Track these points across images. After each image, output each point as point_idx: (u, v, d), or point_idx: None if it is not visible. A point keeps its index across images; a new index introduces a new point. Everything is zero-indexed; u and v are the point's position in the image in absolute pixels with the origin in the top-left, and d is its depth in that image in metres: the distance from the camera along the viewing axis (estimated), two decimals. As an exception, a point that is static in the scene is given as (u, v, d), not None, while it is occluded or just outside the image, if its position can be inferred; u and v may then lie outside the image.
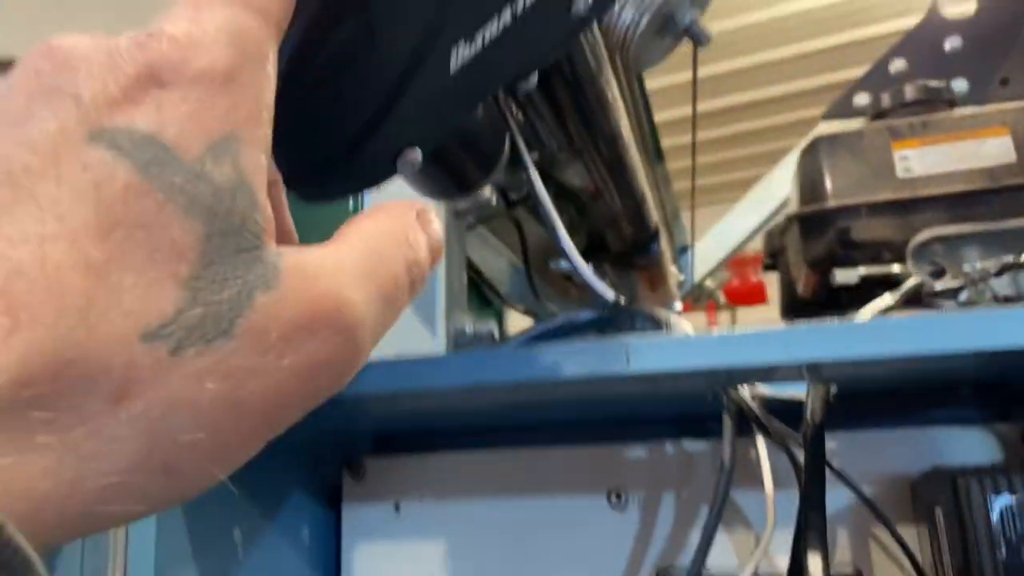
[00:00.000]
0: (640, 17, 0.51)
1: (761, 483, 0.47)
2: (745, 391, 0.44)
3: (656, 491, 0.51)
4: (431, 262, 0.24)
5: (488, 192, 0.62)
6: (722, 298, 2.88)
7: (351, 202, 0.61)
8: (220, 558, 0.45)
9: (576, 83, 0.53)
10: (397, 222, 0.23)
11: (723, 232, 1.36)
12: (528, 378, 0.38)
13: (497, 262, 0.89)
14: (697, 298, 1.32)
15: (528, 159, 0.47)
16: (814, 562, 0.37)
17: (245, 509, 0.48)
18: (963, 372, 0.42)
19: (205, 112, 0.18)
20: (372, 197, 0.66)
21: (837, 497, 0.48)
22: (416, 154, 0.34)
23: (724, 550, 0.50)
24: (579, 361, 0.38)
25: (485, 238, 0.84)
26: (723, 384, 0.43)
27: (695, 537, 0.49)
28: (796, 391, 0.45)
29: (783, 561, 0.45)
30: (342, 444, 0.57)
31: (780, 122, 3.05)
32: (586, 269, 0.49)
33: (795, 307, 1.00)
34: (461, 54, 0.32)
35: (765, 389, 0.45)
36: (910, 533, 0.47)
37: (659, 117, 0.94)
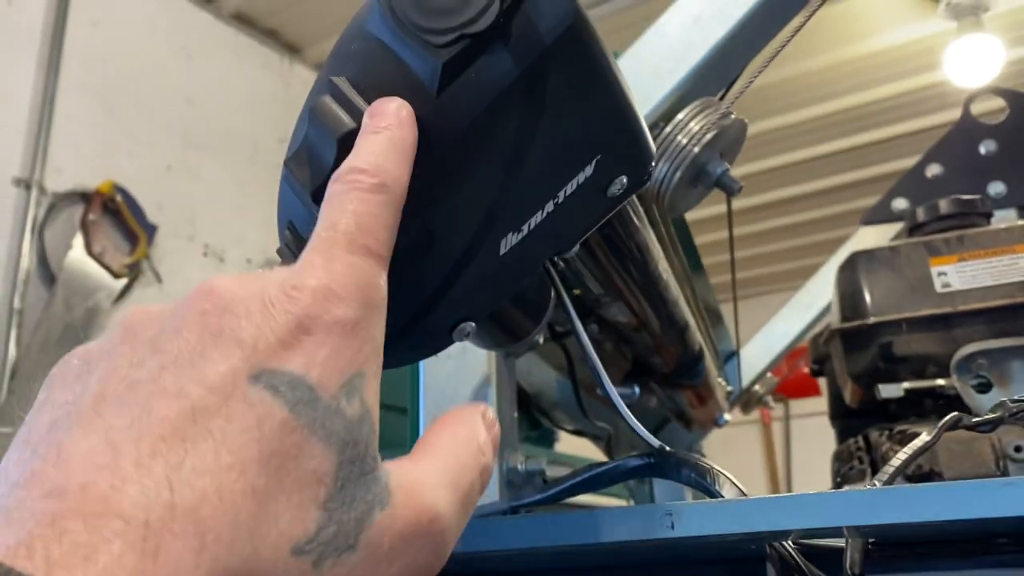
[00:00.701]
0: (673, 173, 0.55)
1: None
2: (788, 544, 0.46)
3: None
4: (494, 457, 0.27)
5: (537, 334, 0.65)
6: (771, 402, 2.85)
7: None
8: None
9: (614, 235, 0.57)
10: (470, 430, 0.27)
11: (768, 337, 1.38)
12: (573, 542, 0.40)
13: (544, 375, 0.92)
14: (746, 403, 1.32)
15: (571, 310, 0.51)
16: None
17: None
18: (993, 524, 0.43)
19: (340, 355, 0.22)
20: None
21: None
22: (470, 326, 0.37)
23: None
24: (624, 526, 0.40)
25: (532, 357, 0.87)
26: (767, 542, 0.45)
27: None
28: (836, 541, 0.46)
29: None
30: None
31: (817, 216, 3.07)
32: (632, 419, 0.52)
33: (843, 413, 1.01)
34: (510, 241, 0.35)
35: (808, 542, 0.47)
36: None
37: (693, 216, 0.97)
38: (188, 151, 1.73)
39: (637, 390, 0.82)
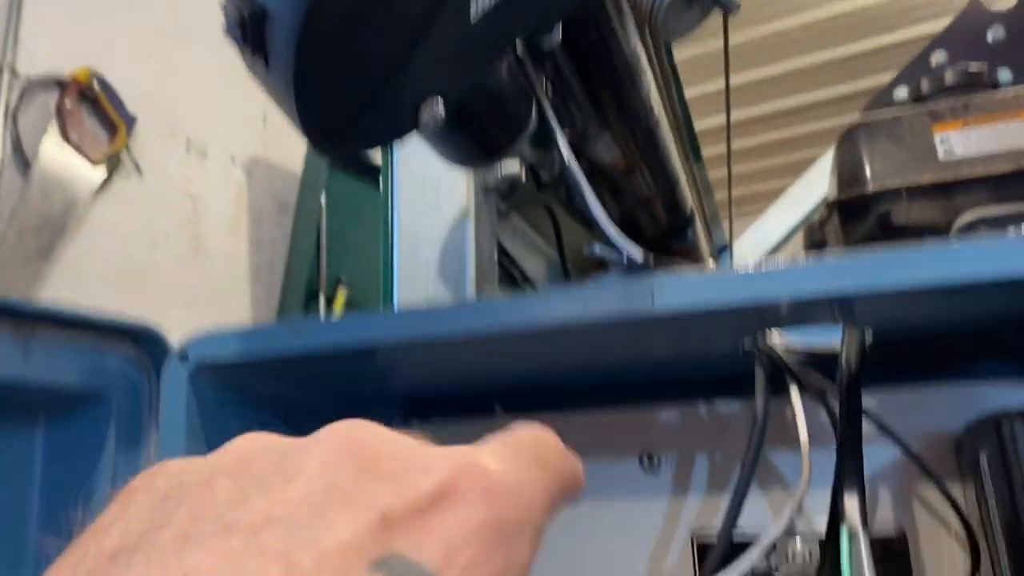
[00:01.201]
0: (667, -21, 0.51)
1: (796, 442, 0.46)
2: (778, 341, 0.43)
3: (689, 453, 0.50)
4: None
5: (517, 167, 0.62)
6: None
7: (383, 187, 0.62)
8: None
9: (604, 47, 0.53)
10: None
11: (762, 231, 1.35)
12: (554, 320, 0.38)
13: (533, 259, 0.89)
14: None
15: (555, 120, 0.47)
16: (851, 506, 0.36)
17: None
18: (1005, 314, 0.40)
19: (482, 566, 0.18)
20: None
21: (877, 456, 0.47)
22: (438, 105, 0.34)
23: (759, 511, 0.48)
24: (604, 301, 0.37)
25: (521, 230, 0.84)
26: (754, 330, 0.42)
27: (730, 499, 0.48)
28: (831, 343, 0.44)
29: (821, 521, 0.43)
30: (373, 410, 0.57)
31: (814, 129, 3.01)
32: (612, 227, 0.49)
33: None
34: (481, 5, 0.32)
35: (798, 341, 0.44)
36: (955, 491, 0.45)
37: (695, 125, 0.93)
38: (170, 43, 1.67)
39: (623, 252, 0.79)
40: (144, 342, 0.44)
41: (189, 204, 1.63)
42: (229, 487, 0.18)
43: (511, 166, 0.60)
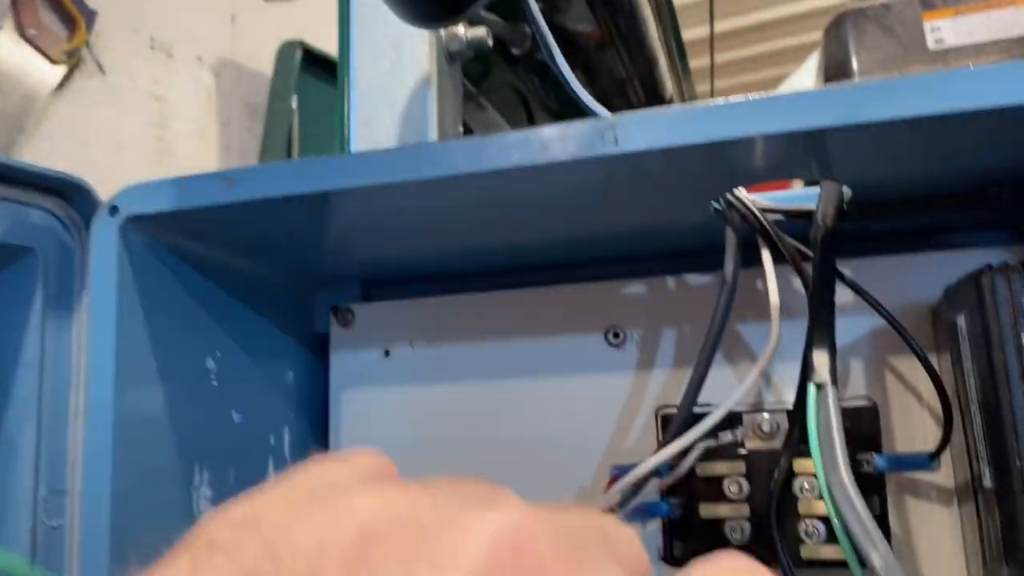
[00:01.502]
0: None
1: (768, 315, 0.43)
2: (747, 198, 0.41)
3: (656, 328, 0.48)
4: None
5: (484, 32, 0.58)
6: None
7: (339, 51, 0.58)
8: (190, 383, 0.43)
9: None
10: None
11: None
12: (514, 163, 0.35)
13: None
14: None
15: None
16: (820, 361, 0.34)
17: (220, 338, 0.45)
18: (989, 163, 0.38)
19: None
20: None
21: (850, 328, 0.45)
22: None
23: (728, 385, 0.46)
24: (566, 142, 0.34)
25: (493, 120, 0.80)
26: (726, 186, 0.40)
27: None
28: (807, 203, 0.41)
29: (791, 395, 0.42)
30: (328, 289, 0.54)
31: (805, 42, 2.94)
32: (586, 94, 0.46)
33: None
34: None
35: (773, 201, 0.42)
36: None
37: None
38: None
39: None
40: (72, 196, 0.41)
41: (155, 106, 1.57)
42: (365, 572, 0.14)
43: (477, 31, 0.56)
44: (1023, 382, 0.34)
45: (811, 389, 0.33)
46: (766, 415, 0.44)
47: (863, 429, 0.43)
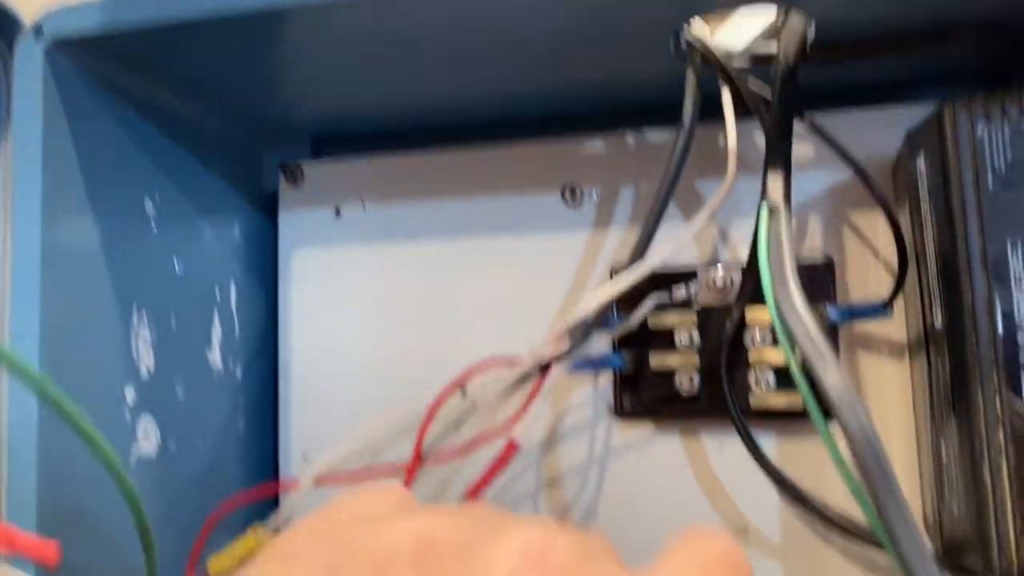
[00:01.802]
0: None
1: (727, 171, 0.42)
2: (708, 38, 0.39)
3: (614, 186, 0.47)
4: None
5: None
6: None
7: None
8: (126, 223, 0.41)
9: None
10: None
11: None
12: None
13: None
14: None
15: None
16: (774, 185, 0.33)
17: (160, 182, 0.44)
18: (949, 9, 0.36)
19: None
20: None
21: (807, 184, 0.44)
22: None
23: (686, 247, 0.46)
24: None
25: None
26: (686, 15, 0.38)
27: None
28: (769, 48, 0.40)
29: (746, 252, 0.41)
30: (278, 146, 0.52)
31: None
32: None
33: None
34: None
35: (735, 40, 0.40)
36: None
37: None
38: None
39: None
40: (-7, 18, 0.38)
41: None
42: None
43: None
44: (979, 217, 0.33)
45: (763, 211, 0.32)
46: (720, 270, 0.43)
47: (818, 284, 0.42)
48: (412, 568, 0.17)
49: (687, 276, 0.44)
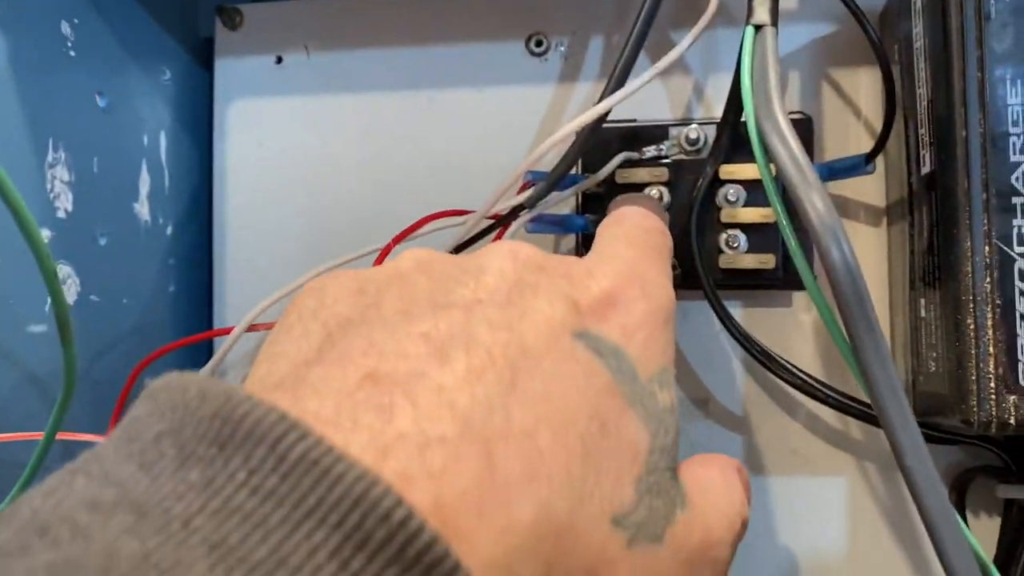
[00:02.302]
0: None
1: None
2: None
3: (583, 37, 0.44)
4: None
5: None
6: None
7: None
8: (37, 41, 0.37)
9: None
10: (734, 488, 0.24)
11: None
12: None
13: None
14: None
15: None
16: (760, 3, 0.30)
17: (80, 5, 0.39)
18: None
19: (655, 342, 0.22)
20: None
21: (786, 39, 0.41)
22: None
23: (659, 101, 0.43)
24: None
25: None
26: None
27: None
28: None
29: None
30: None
31: None
32: None
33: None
34: None
35: None
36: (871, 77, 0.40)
37: None
38: None
39: None
40: None
41: None
42: (425, 281, 0.21)
43: None
44: (978, 48, 0.31)
45: (748, 31, 0.29)
46: (695, 126, 0.40)
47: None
48: (423, 275, 0.21)
49: (658, 132, 0.41)
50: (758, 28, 0.29)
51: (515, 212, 0.38)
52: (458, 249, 0.38)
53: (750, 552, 0.41)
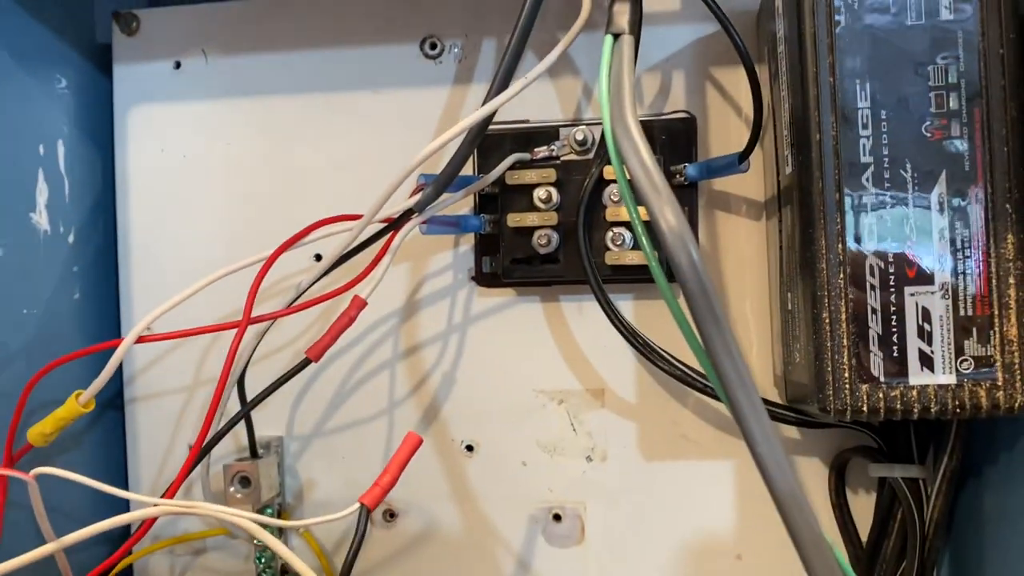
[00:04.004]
0: None
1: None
2: None
3: (476, 39, 0.45)
4: None
5: None
6: None
7: None
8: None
9: None
10: None
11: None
12: None
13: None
14: None
15: None
16: (620, 9, 0.31)
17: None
18: None
19: None
20: None
21: (670, 40, 0.43)
22: None
23: (549, 102, 0.44)
24: None
25: None
26: None
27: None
28: None
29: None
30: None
31: None
32: None
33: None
34: None
35: None
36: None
37: None
38: None
39: None
40: None
41: None
42: None
43: None
44: (830, 55, 0.32)
45: (607, 39, 0.30)
46: (582, 127, 0.42)
47: (678, 141, 0.41)
48: None
49: (549, 133, 0.42)
50: (616, 36, 0.30)
51: (407, 215, 0.39)
52: (351, 254, 0.39)
53: (644, 535, 0.43)
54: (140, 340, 0.36)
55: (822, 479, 0.41)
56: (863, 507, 0.41)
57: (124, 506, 0.45)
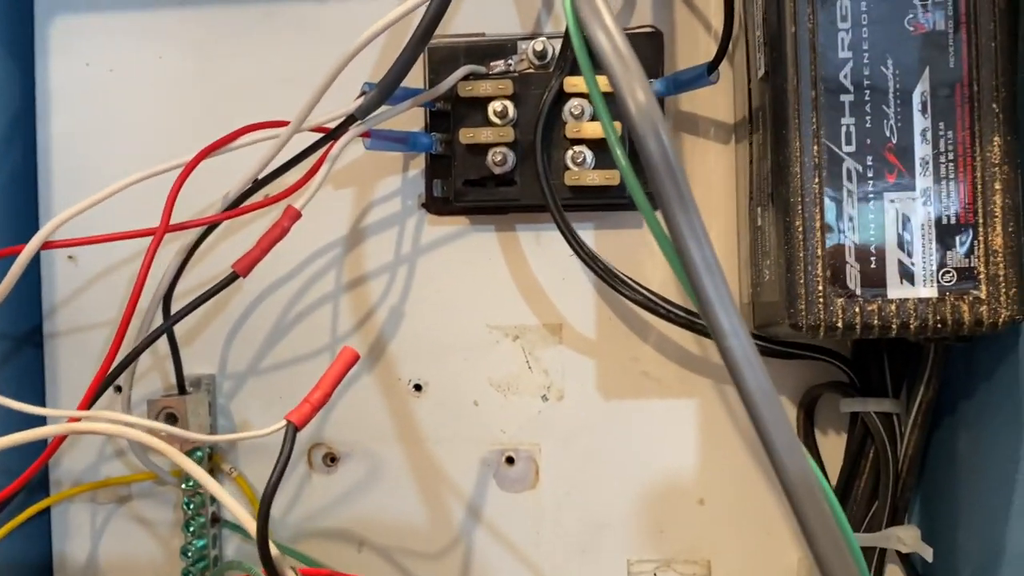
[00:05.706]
0: None
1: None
2: None
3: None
4: None
5: None
6: None
7: None
8: None
9: None
10: None
11: None
12: None
13: None
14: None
15: None
16: None
17: None
18: None
19: None
20: None
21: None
22: None
23: (508, 15, 0.41)
24: None
25: None
26: None
27: None
28: None
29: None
30: None
31: None
32: None
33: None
34: None
35: None
36: None
37: None
38: None
39: None
40: None
41: None
42: None
43: None
44: (808, -58, 0.30)
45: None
46: (542, 39, 0.39)
47: (644, 58, 0.39)
48: None
49: (507, 46, 0.39)
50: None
51: (347, 123, 0.35)
52: (287, 167, 0.36)
53: (602, 479, 0.41)
54: (46, 246, 0.32)
55: (790, 419, 0.39)
56: (833, 448, 0.39)
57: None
